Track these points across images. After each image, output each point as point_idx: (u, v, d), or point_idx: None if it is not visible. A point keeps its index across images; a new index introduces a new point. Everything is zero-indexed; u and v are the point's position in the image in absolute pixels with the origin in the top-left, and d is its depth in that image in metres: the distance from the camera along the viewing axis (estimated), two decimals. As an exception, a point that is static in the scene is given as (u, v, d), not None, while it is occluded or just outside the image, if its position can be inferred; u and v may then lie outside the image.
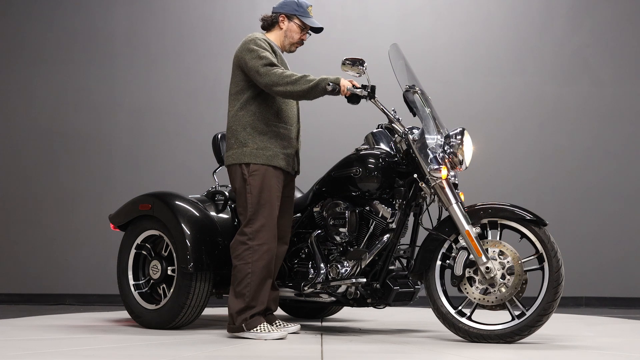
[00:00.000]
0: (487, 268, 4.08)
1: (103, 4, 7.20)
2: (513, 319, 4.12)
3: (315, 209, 4.74)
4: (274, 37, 4.55)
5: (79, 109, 7.13)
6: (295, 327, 4.53)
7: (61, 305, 6.72)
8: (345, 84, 4.23)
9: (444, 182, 4.22)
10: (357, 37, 7.10)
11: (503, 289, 4.09)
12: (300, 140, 4.57)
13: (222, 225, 4.84)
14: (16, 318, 5.51)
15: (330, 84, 4.20)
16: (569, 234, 6.77)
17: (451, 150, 4.33)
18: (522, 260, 4.11)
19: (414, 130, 4.41)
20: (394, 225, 4.45)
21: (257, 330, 4.29)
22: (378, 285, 4.41)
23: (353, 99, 4.38)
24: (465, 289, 4.16)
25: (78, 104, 7.13)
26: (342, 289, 4.48)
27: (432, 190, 4.28)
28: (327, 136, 6.84)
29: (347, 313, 5.78)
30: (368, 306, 4.52)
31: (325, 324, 5.23)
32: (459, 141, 4.32)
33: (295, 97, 4.30)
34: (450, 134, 4.37)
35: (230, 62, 4.59)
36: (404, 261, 4.59)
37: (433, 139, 4.36)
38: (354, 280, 4.40)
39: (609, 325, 5.38)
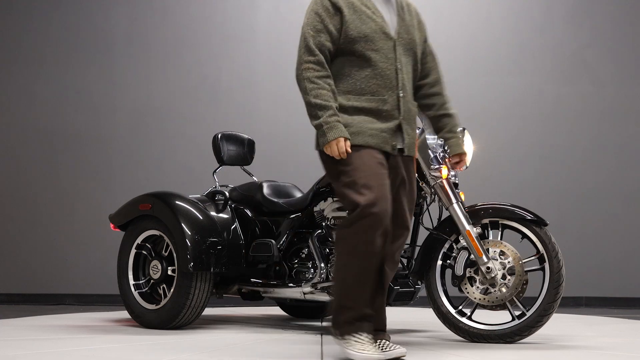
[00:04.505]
0: (488, 268, 4.08)
1: (103, 3, 7.20)
2: (513, 319, 4.12)
3: (315, 209, 4.74)
4: None
5: (79, 109, 7.13)
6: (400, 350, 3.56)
7: (61, 305, 6.71)
8: (334, 150, 3.42)
9: (444, 182, 4.22)
10: (357, 37, 7.10)
11: (504, 289, 4.09)
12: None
13: (222, 225, 4.84)
14: (16, 318, 5.51)
15: (322, 139, 3.43)
16: (569, 234, 6.77)
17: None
18: (523, 261, 4.11)
19: (414, 130, 4.41)
20: (394, 225, 4.44)
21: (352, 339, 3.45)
22: (378, 285, 4.41)
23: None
24: (466, 288, 4.16)
25: (78, 104, 7.13)
26: (342, 289, 4.47)
27: (433, 190, 4.28)
28: (327, 136, 6.83)
29: (347, 313, 5.77)
30: (368, 306, 4.52)
31: (325, 324, 5.23)
32: (460, 141, 4.32)
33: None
34: (451, 133, 4.37)
35: (229, 62, 4.57)
36: (405, 261, 4.59)
37: (433, 139, 4.36)
38: (354, 280, 4.40)
39: (609, 325, 5.38)
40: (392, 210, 3.46)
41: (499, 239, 4.20)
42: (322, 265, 4.56)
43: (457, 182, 4.34)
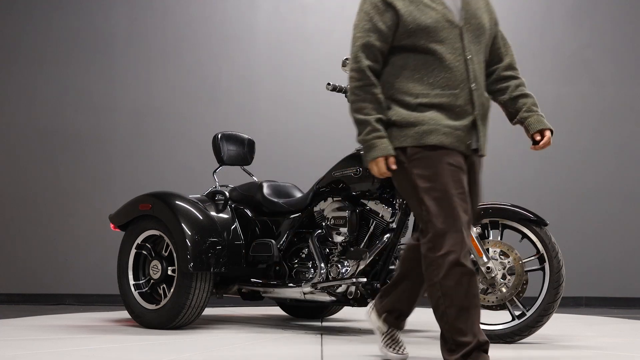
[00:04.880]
0: (488, 268, 4.08)
1: (103, 4, 7.20)
2: (513, 319, 4.13)
3: (315, 209, 4.74)
4: None
5: (79, 109, 7.13)
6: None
7: (61, 305, 6.71)
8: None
9: (444, 182, 4.22)
10: (357, 37, 7.10)
11: (504, 289, 4.09)
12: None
13: (222, 225, 4.85)
14: (16, 318, 5.51)
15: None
16: (569, 234, 6.77)
17: (451, 150, 4.34)
18: (523, 261, 4.11)
19: (414, 130, 4.41)
20: (394, 225, 4.45)
21: None
22: (378, 284, 4.41)
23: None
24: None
25: (78, 104, 7.13)
26: (342, 289, 4.47)
27: (433, 190, 4.27)
28: (327, 136, 6.84)
29: (347, 313, 5.78)
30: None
31: (325, 324, 5.23)
32: (459, 141, 4.33)
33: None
34: (451, 133, 4.37)
35: (229, 62, 4.56)
36: (404, 261, 4.58)
37: (433, 139, 4.36)
38: (354, 280, 4.40)
39: (609, 325, 5.38)
40: None
41: (499, 239, 4.20)
42: (322, 265, 4.56)
43: (457, 182, 4.34)
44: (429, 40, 3.09)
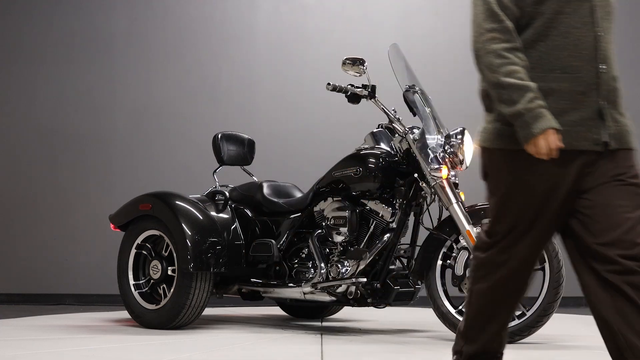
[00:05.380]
0: (488, 268, 4.08)
1: (103, 4, 7.20)
2: (513, 319, 4.12)
3: (315, 209, 4.75)
4: None
5: (79, 109, 7.12)
6: None
7: (61, 305, 6.71)
8: (541, 147, 2.50)
9: (445, 182, 4.23)
10: (357, 37, 7.10)
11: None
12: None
13: (222, 225, 4.85)
14: (16, 318, 5.51)
15: (524, 131, 2.51)
16: (569, 234, 6.75)
17: (452, 149, 4.34)
18: (523, 260, 4.11)
19: (414, 130, 4.42)
20: (394, 225, 4.45)
21: None
22: (378, 284, 4.42)
23: (353, 98, 4.41)
24: (466, 288, 4.16)
25: (78, 104, 7.12)
26: (342, 289, 4.48)
27: (433, 190, 4.28)
28: (327, 136, 6.83)
29: (347, 313, 5.78)
30: (368, 306, 4.53)
31: (325, 324, 5.23)
32: (460, 141, 4.34)
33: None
34: (451, 133, 4.38)
35: (229, 62, 4.56)
36: (405, 261, 4.59)
37: (433, 139, 4.37)
38: (354, 279, 4.41)
39: (609, 325, 5.37)
40: (588, 222, 2.54)
41: (499, 239, 4.20)
42: (322, 265, 4.56)
43: (457, 182, 4.34)
44: (556, 10, 2.62)
